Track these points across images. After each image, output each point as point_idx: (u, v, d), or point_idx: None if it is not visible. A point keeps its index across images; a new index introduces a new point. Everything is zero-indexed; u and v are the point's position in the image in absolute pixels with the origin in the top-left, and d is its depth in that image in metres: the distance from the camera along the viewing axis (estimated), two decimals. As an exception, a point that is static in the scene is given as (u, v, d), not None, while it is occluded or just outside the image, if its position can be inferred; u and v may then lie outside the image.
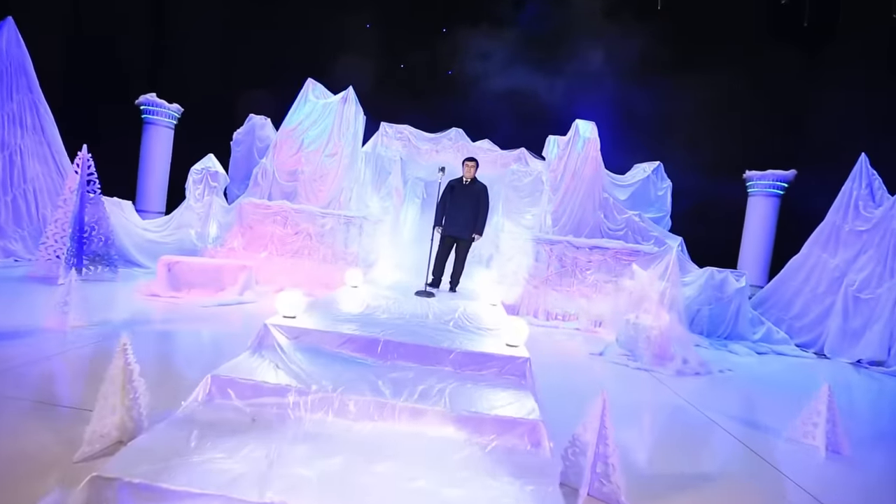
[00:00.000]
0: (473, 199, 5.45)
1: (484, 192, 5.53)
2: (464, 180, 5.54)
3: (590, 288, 6.84)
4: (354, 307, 3.89)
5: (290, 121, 7.89)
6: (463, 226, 5.43)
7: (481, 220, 5.48)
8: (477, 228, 5.47)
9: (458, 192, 5.46)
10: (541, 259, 6.87)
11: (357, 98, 7.89)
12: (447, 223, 5.48)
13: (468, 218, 5.42)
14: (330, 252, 6.96)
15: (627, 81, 10.07)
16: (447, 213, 5.47)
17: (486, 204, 5.52)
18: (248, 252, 7.05)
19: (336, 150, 7.79)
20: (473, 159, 5.56)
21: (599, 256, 6.80)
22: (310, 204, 7.80)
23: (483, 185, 5.55)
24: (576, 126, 7.81)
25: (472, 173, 5.52)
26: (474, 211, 5.44)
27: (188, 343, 4.00)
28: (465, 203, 5.41)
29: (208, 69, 10.27)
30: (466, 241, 5.53)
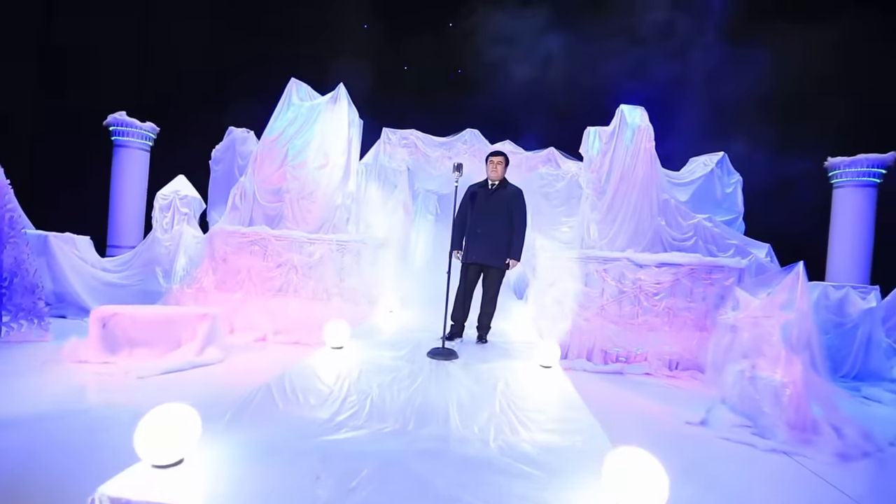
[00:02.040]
0: (504, 209, 4.01)
1: (518, 198, 4.09)
2: (489, 184, 4.11)
3: (660, 318, 5.22)
4: (316, 406, 2.39)
5: (272, 130, 6.61)
6: (491, 248, 3.97)
7: (517, 238, 4.01)
8: (512, 251, 4.00)
9: (483, 200, 4.03)
10: (592, 283, 5.29)
11: (350, 98, 6.56)
12: (469, 246, 4.03)
13: (498, 237, 3.96)
14: (321, 287, 5.54)
15: (674, 56, 8.52)
16: (468, 232, 4.03)
17: (522, 215, 4.08)
18: (220, 292, 5.70)
19: (326, 161, 6.46)
20: (501, 154, 4.15)
21: (671, 276, 5.19)
22: (298, 228, 6.45)
23: (517, 189, 4.13)
24: (620, 113, 6.29)
25: (501, 172, 4.10)
26: (506, 226, 3.99)
27: (93, 441, 2.57)
28: (492, 216, 3.98)
29: (186, 80, 9.19)
30: (498, 270, 4.04)
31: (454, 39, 10.25)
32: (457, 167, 3.30)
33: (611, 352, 5.29)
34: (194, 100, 9.23)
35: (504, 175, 4.09)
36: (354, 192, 7.09)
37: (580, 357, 5.29)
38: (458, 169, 3.30)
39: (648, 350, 5.25)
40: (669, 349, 5.21)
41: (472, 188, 4.03)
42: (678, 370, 5.20)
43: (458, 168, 3.30)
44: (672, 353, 5.21)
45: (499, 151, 4.13)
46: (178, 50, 9.16)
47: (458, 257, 3.99)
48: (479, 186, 4.09)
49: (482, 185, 4.09)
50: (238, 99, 8.70)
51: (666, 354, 5.22)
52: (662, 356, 5.23)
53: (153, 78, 9.28)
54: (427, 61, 10.42)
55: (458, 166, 3.30)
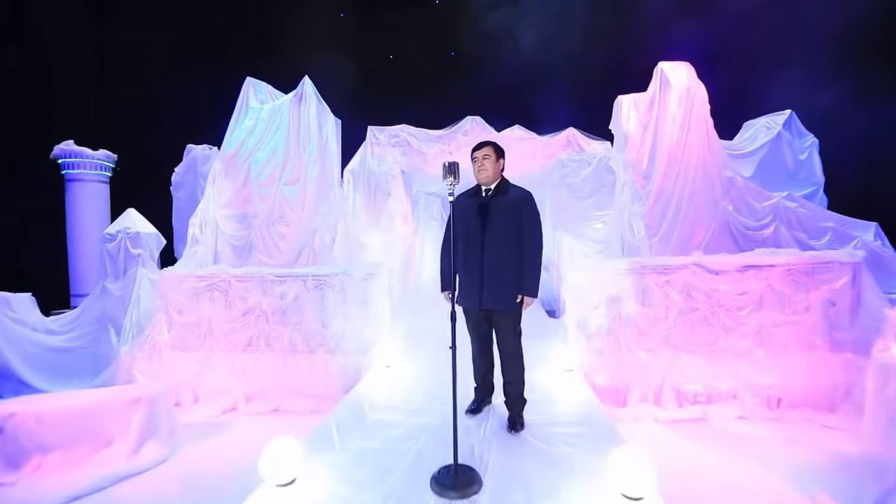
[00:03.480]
0: (506, 224, 2.72)
1: (526, 203, 2.77)
2: (482, 191, 2.82)
3: (750, 340, 3.88)
4: None
5: (229, 143, 5.45)
6: (496, 285, 2.68)
7: (531, 265, 2.72)
8: (524, 284, 2.71)
9: (475, 216, 2.75)
10: (652, 301, 3.97)
11: (328, 95, 5.33)
12: (464, 284, 2.79)
13: (502, 267, 2.69)
14: (300, 337, 4.35)
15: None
16: (462, 265, 2.80)
17: (534, 230, 2.75)
18: (178, 352, 4.57)
19: (297, 174, 5.25)
20: (486, 143, 2.86)
21: (759, 282, 3.84)
22: (272, 260, 5.28)
23: (522, 193, 2.84)
24: (660, 73, 4.92)
25: (493, 170, 2.79)
26: (512, 249, 2.70)
27: None
28: (491, 237, 2.70)
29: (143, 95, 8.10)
30: (509, 315, 2.72)
31: (443, 16, 8.93)
32: (449, 168, 2.00)
33: (686, 391, 3.97)
34: (154, 116, 8.15)
35: (501, 172, 2.81)
36: (339, 206, 5.87)
37: (645, 402, 3.98)
38: (451, 171, 1.99)
39: (738, 384, 3.92)
40: (767, 381, 3.86)
41: (459, 200, 2.73)
42: (783, 408, 3.85)
43: (450, 169, 1.99)
44: (771, 385, 3.86)
45: (485, 143, 2.83)
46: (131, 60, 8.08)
47: (448, 299, 2.73)
48: (468, 196, 2.81)
49: (473, 194, 2.82)
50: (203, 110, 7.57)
51: (763, 388, 3.87)
52: (758, 391, 3.88)
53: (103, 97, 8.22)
54: (414, 46, 9.13)
55: (450, 167, 2.00)
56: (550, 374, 3.76)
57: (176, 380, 4.57)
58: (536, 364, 3.92)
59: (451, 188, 2.09)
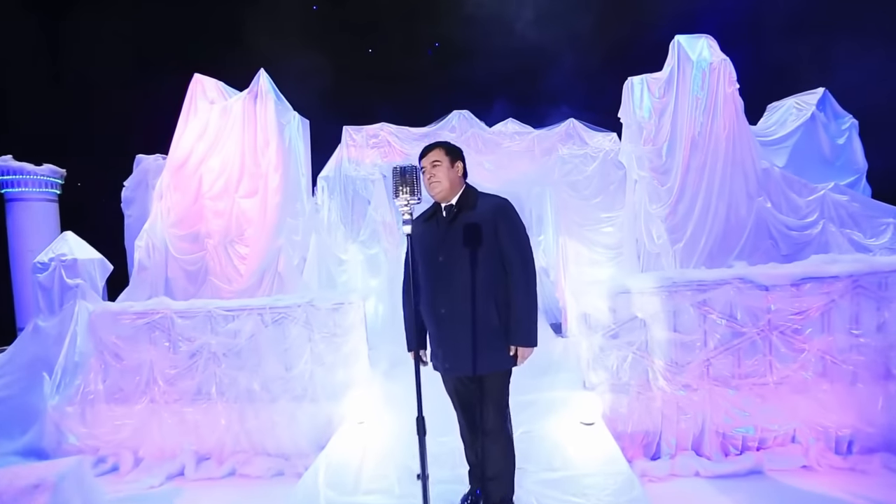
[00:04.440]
0: (477, 250, 1.93)
1: (503, 216, 2.00)
2: (441, 211, 2.07)
3: (811, 369, 3.15)
4: None
5: (177, 149, 4.68)
6: (469, 340, 1.89)
7: (520, 301, 1.95)
8: (514, 330, 1.93)
9: (436, 244, 2.01)
10: (686, 326, 3.23)
11: (276, 88, 4.55)
12: (434, 341, 2.04)
13: (476, 313, 1.89)
14: (258, 382, 3.58)
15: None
16: (426, 314, 2.04)
17: (519, 250, 1.99)
18: (115, 405, 3.82)
19: (255, 184, 4.48)
20: (437, 146, 2.09)
21: (820, 298, 3.10)
22: (231, 286, 4.54)
23: (496, 203, 2.04)
24: (677, 48, 4.18)
25: (449, 179, 2.03)
26: (491, 283, 1.93)
27: None
28: (459, 270, 1.93)
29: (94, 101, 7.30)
30: (496, 376, 1.97)
31: (425, 4, 8.15)
32: (402, 176, 1.21)
33: (733, 435, 3.22)
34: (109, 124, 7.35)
35: (462, 180, 2.05)
36: (310, 220, 5.10)
37: (684, 450, 3.23)
38: (405, 180, 1.19)
39: (797, 424, 3.17)
40: (835, 419, 3.12)
41: (415, 229, 1.87)
42: (856, 454, 3.11)
43: (404, 178, 1.20)
44: (840, 424, 3.14)
45: (427, 146, 2.09)
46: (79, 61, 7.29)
47: (422, 362, 1.98)
48: (424, 220, 2.07)
49: (430, 217, 2.07)
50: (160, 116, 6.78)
51: (830, 428, 3.14)
52: (824, 432, 3.13)
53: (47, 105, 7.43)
54: (395, 38, 8.35)
55: (403, 173, 1.21)
56: (563, 427, 3.00)
57: (113, 440, 3.82)
58: (544, 413, 3.16)
59: (409, 208, 1.33)
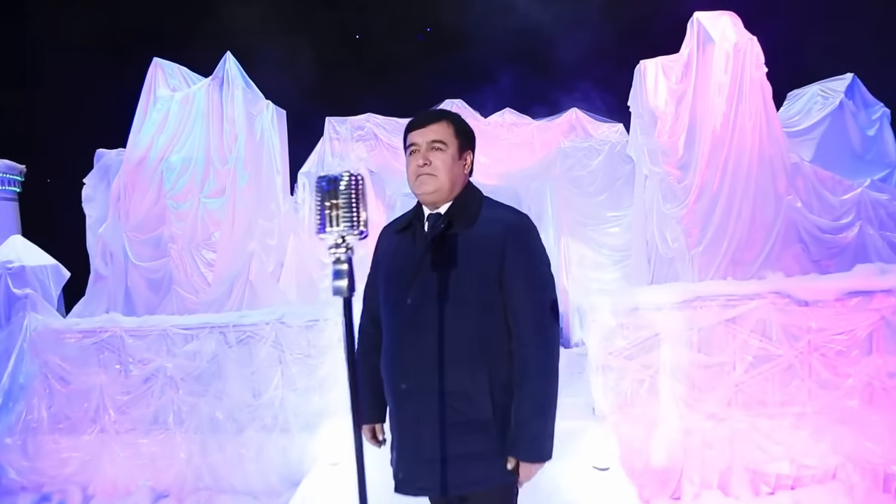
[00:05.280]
0: (476, 294, 1.23)
1: (519, 247, 1.25)
2: (424, 220, 1.32)
3: (856, 395, 2.75)
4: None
5: (136, 144, 4.21)
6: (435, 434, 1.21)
7: (533, 387, 1.22)
8: (521, 435, 1.22)
9: (408, 272, 1.27)
10: (713, 346, 2.83)
11: (245, 74, 4.06)
12: (394, 431, 1.33)
13: (461, 391, 1.21)
14: (220, 412, 3.13)
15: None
16: (390, 385, 1.31)
17: (538, 308, 1.24)
18: (62, 436, 3.37)
19: (222, 183, 4.01)
20: (442, 117, 1.32)
21: (868, 314, 2.70)
22: (197, 296, 4.09)
23: (511, 220, 1.30)
24: (697, 27, 3.72)
25: (450, 174, 1.28)
26: (492, 351, 1.24)
27: None
28: (429, 322, 1.22)
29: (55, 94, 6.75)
30: (483, 499, 1.27)
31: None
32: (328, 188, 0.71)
33: (765, 472, 2.80)
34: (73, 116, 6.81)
35: (464, 179, 1.34)
36: (287, 222, 4.63)
37: (708, 489, 2.82)
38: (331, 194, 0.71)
39: (840, 459, 2.77)
40: (883, 454, 2.71)
41: (381, 243, 1.37)
42: (906, 493, 2.69)
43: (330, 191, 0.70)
44: (888, 460, 2.72)
45: (426, 114, 1.33)
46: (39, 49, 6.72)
47: (377, 441, 1.43)
48: (396, 231, 1.38)
49: (405, 226, 1.36)
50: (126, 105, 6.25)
51: (877, 465, 2.72)
52: (870, 469, 2.72)
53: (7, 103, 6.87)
54: (383, 22, 7.80)
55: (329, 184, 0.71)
56: (572, 473, 2.56)
57: (59, 475, 3.37)
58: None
59: (343, 250, 0.87)
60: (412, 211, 1.39)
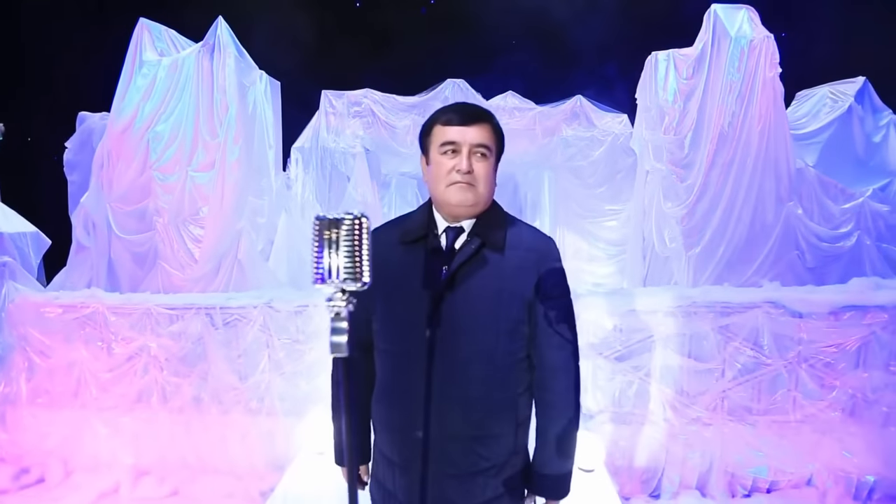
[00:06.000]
0: (496, 319, 1.10)
1: (553, 276, 1.14)
2: (438, 232, 1.15)
3: (839, 408, 2.77)
4: None
5: (120, 111, 4.01)
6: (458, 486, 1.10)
7: (563, 430, 1.16)
8: (543, 475, 1.17)
9: (427, 297, 1.09)
10: (704, 353, 2.83)
11: (237, 41, 3.84)
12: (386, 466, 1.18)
13: (491, 438, 1.11)
14: (207, 392, 3.09)
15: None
16: (382, 416, 1.19)
17: (571, 342, 1.15)
18: (42, 410, 3.33)
19: (211, 156, 3.85)
20: (490, 118, 1.12)
21: (861, 328, 2.69)
22: (184, 272, 3.98)
23: (543, 244, 1.17)
24: (713, 18, 3.58)
25: (489, 184, 1.13)
26: (510, 381, 1.13)
27: None
28: (460, 359, 1.08)
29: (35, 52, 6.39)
30: None
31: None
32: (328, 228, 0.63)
33: (742, 475, 2.86)
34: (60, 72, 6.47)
35: (494, 191, 1.18)
36: (279, 199, 4.50)
37: (687, 489, 2.87)
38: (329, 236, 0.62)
39: (816, 466, 2.83)
40: (858, 464, 2.77)
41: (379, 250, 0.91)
42: (875, 501, 2.78)
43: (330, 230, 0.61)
44: (862, 470, 2.79)
45: (474, 110, 1.12)
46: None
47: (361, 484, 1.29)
48: (405, 241, 1.15)
49: (418, 237, 1.15)
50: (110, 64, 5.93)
51: (851, 473, 2.79)
52: (844, 477, 2.79)
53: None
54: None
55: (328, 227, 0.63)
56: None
57: (38, 448, 3.33)
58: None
59: (345, 304, 0.78)
60: (420, 218, 1.20)
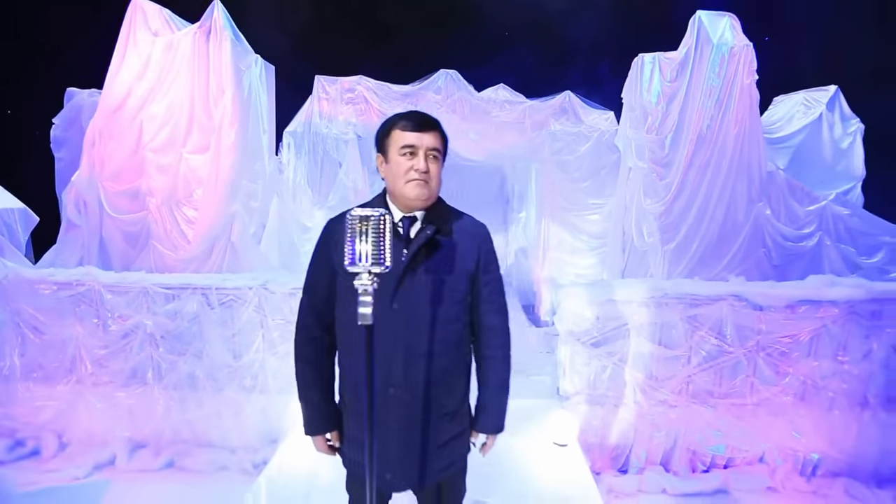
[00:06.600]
0: (448, 293, 1.32)
1: (487, 252, 1.41)
2: (400, 226, 1.33)
3: (791, 393, 3.04)
4: None
5: (113, 90, 3.99)
6: (416, 434, 1.29)
7: (502, 379, 1.44)
8: (489, 414, 1.43)
9: (391, 278, 1.25)
10: (673, 340, 3.06)
11: (234, 25, 3.86)
12: (356, 430, 1.35)
13: (445, 390, 1.33)
14: (202, 370, 3.21)
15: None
16: (349, 384, 1.37)
17: (501, 304, 1.44)
18: (36, 385, 3.40)
19: (206, 139, 3.90)
20: (438, 126, 1.33)
21: (814, 321, 2.95)
22: (177, 253, 4.04)
23: (477, 230, 1.42)
24: (697, 25, 3.74)
25: (438, 180, 1.35)
26: (461, 346, 1.37)
27: None
28: (420, 327, 1.28)
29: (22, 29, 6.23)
30: (459, 478, 1.46)
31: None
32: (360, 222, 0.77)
33: (703, 453, 3.13)
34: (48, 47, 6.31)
35: (434, 183, 1.34)
36: (271, 183, 4.57)
37: (653, 465, 3.13)
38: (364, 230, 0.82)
39: (768, 445, 3.11)
40: (805, 443, 3.06)
41: (339, 237, 1.17)
42: (819, 477, 3.09)
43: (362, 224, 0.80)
44: (808, 448, 3.08)
45: (422, 117, 1.33)
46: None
47: (332, 450, 1.46)
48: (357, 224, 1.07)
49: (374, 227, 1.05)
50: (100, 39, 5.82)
51: (799, 452, 3.09)
52: (792, 455, 3.08)
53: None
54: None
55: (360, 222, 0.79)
56: (535, 447, 2.80)
57: (33, 422, 3.41)
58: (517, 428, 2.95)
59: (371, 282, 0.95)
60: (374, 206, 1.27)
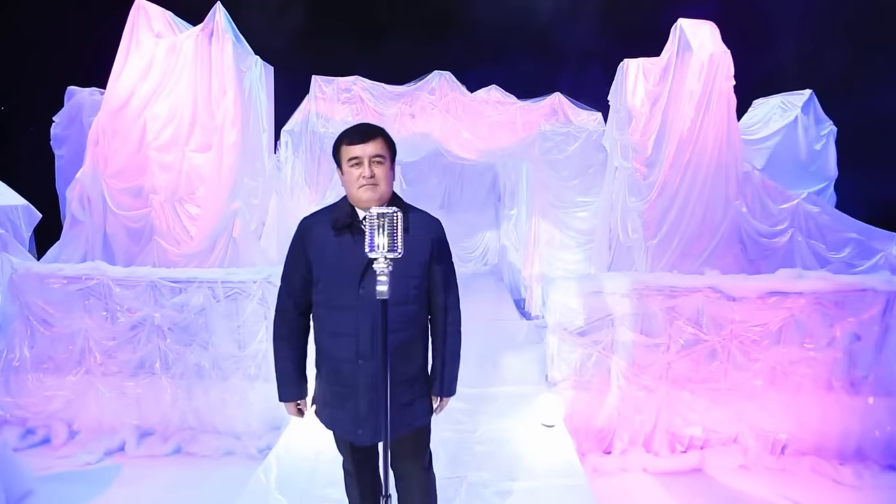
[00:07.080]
0: (406, 279, 1.53)
1: (439, 241, 1.63)
2: (360, 221, 1.53)
3: (762, 378, 3.29)
4: None
5: (116, 90, 4.11)
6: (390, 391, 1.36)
7: (451, 347, 1.69)
8: (446, 380, 1.69)
9: (359, 266, 1.48)
10: (653, 329, 3.28)
11: (235, 27, 3.99)
12: (332, 396, 1.61)
13: (400, 357, 1.54)
14: (208, 359, 3.37)
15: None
16: (324, 356, 1.59)
17: (453, 285, 1.70)
18: (46, 376, 3.53)
19: (208, 138, 4.03)
20: (379, 132, 1.55)
21: (782, 312, 3.18)
22: (180, 248, 4.18)
23: (430, 223, 1.65)
24: (679, 33, 3.94)
25: (388, 182, 1.56)
26: (418, 323, 1.62)
27: None
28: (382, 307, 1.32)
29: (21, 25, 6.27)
30: (419, 433, 1.69)
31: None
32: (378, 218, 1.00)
33: (681, 434, 3.36)
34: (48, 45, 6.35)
35: (392, 187, 1.61)
36: (270, 181, 4.71)
37: (635, 446, 3.35)
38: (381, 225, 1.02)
39: (741, 427, 3.34)
40: (775, 425, 3.30)
41: (317, 232, 1.56)
42: (788, 455, 3.34)
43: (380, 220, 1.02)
44: (778, 429, 3.33)
45: (365, 128, 1.56)
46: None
47: (301, 413, 1.71)
48: (335, 227, 1.53)
49: (346, 225, 1.53)
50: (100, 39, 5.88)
51: (769, 433, 3.33)
52: (763, 435, 3.32)
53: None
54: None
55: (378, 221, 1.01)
56: (524, 429, 3.00)
57: (43, 411, 3.54)
58: (507, 411, 3.16)
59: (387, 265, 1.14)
60: (344, 210, 1.56)
